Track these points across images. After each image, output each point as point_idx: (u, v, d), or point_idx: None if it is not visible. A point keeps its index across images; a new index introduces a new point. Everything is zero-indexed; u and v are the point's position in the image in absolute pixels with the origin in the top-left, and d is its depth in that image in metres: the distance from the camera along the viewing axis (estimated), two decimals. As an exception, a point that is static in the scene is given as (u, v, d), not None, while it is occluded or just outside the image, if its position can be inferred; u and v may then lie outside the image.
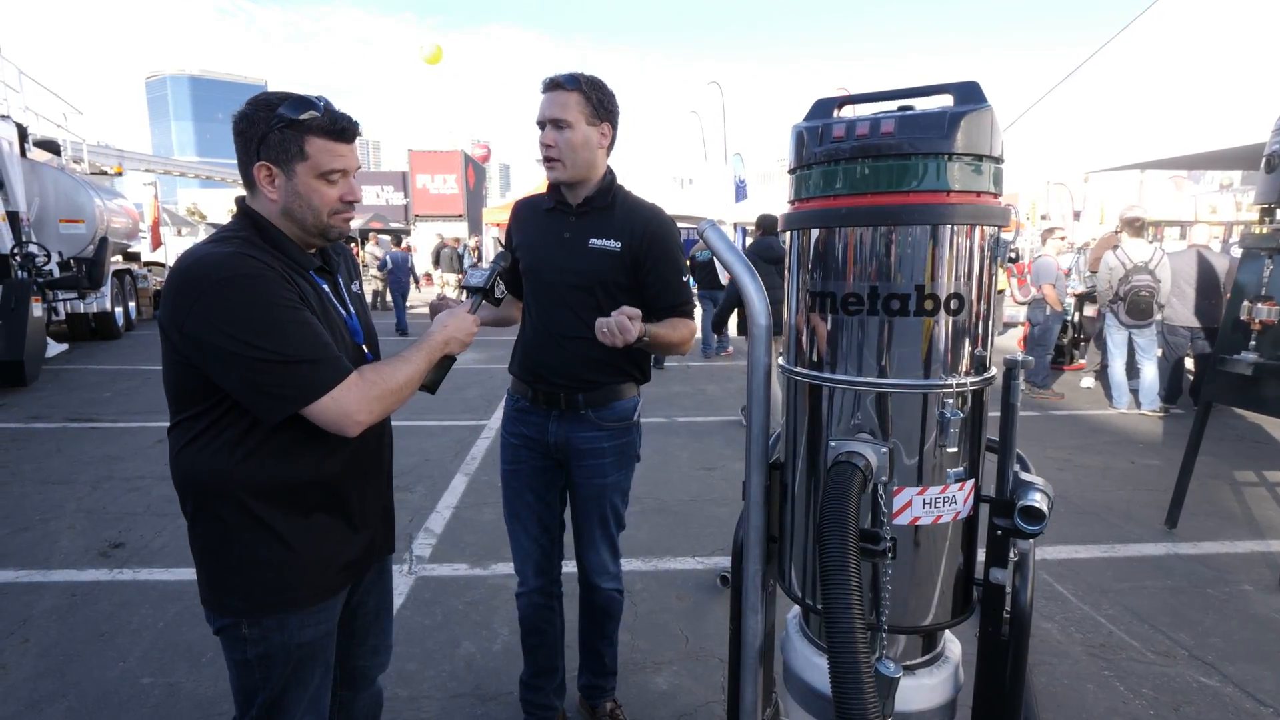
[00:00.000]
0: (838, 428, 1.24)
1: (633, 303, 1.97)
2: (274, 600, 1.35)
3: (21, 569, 3.37)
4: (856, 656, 1.01)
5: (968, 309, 1.18)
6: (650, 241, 1.95)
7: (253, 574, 1.34)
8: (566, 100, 1.85)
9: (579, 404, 1.99)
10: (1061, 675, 2.58)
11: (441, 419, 5.93)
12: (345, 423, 1.28)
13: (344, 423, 1.28)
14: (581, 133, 1.87)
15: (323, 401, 1.25)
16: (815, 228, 1.25)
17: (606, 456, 2.04)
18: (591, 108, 1.87)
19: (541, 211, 2.04)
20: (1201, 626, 2.90)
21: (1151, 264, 6.19)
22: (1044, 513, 1.21)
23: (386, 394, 1.33)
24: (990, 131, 1.17)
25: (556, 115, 1.85)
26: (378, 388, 1.32)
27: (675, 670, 2.61)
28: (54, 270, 9.12)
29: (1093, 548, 3.65)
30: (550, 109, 1.86)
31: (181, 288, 1.24)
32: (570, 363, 1.97)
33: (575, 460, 2.04)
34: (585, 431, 2.01)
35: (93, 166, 13.43)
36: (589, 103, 1.87)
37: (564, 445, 2.03)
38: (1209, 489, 4.45)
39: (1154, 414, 6.32)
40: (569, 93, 1.85)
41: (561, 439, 2.02)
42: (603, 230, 1.94)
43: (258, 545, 1.33)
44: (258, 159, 1.30)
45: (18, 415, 6.39)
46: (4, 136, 8.61)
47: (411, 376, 1.39)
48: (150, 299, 14.30)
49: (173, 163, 50.19)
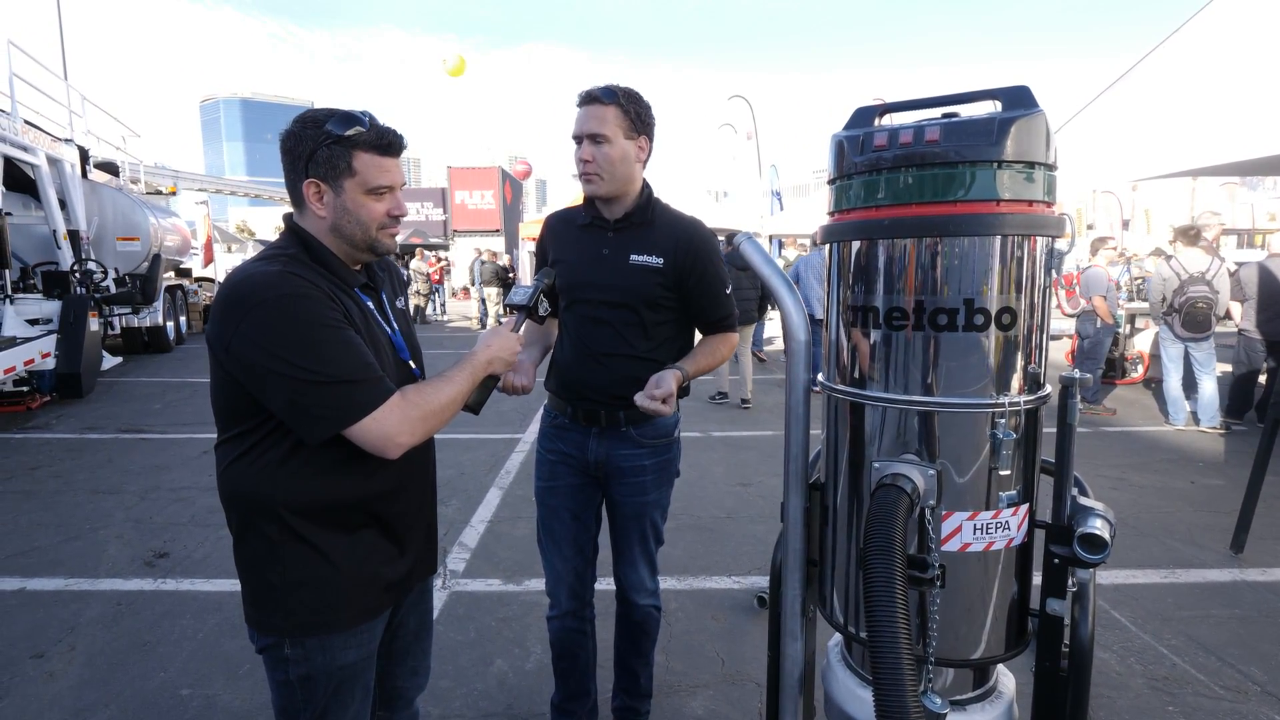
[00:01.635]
0: (882, 448, 1.19)
1: (676, 318, 1.97)
2: (317, 620, 1.35)
3: (71, 577, 3.47)
4: (904, 691, 0.96)
5: (1020, 323, 1.13)
6: (694, 256, 1.91)
7: (297, 593, 1.34)
8: (604, 114, 1.81)
9: (620, 421, 1.95)
10: (1122, 710, 2.44)
11: (477, 432, 5.96)
12: (386, 445, 1.27)
13: (385, 445, 1.27)
14: (620, 147, 1.83)
15: (364, 423, 1.24)
16: (856, 239, 1.20)
17: (647, 474, 2.00)
18: (630, 121, 1.83)
19: (577, 227, 1.99)
20: (1275, 660, 2.71)
21: (1209, 274, 5.94)
22: (1106, 541, 1.14)
23: (428, 415, 1.32)
24: (1043, 137, 1.11)
25: (594, 130, 1.81)
26: (419, 409, 1.30)
27: (711, 694, 2.54)
28: (110, 286, 9.50)
29: (1151, 572, 3.47)
30: (587, 123, 1.82)
31: (228, 306, 1.25)
32: (612, 381, 1.91)
33: (616, 478, 2.00)
34: (626, 449, 1.97)
35: (149, 186, 14.01)
36: (627, 116, 1.83)
37: (604, 463, 1.99)
38: (1278, 511, 4.20)
39: (1214, 431, 6.03)
40: (606, 106, 1.81)
41: (601, 456, 1.99)
42: (643, 246, 1.90)
43: (302, 564, 1.33)
44: (306, 176, 1.31)
45: (74, 426, 6.63)
46: (67, 159, 9.03)
47: (454, 397, 1.37)
48: (200, 313, 14.79)
49: (224, 182, 52.13)
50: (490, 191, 26.29)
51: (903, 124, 1.18)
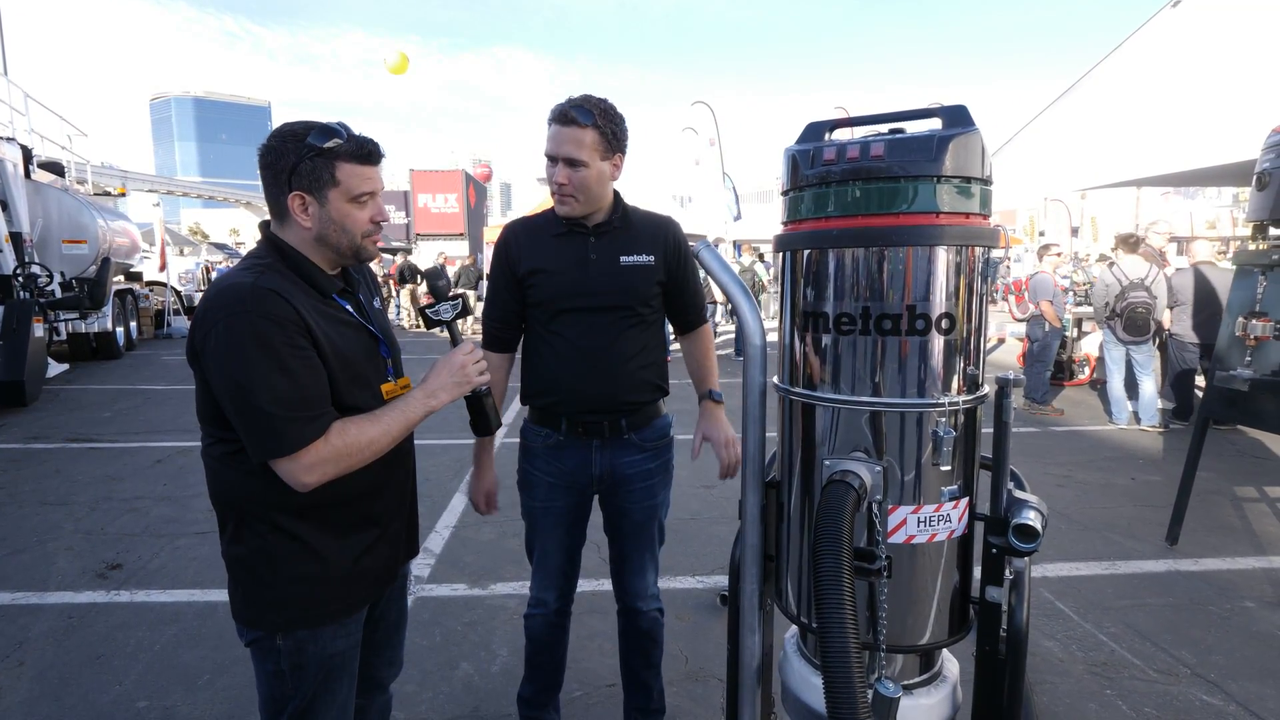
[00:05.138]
0: (832, 446, 1.25)
1: (660, 316, 2.02)
2: (308, 615, 1.40)
3: (18, 591, 3.36)
4: (851, 675, 1.02)
5: (959, 328, 1.20)
6: (680, 251, 1.96)
7: (290, 590, 1.38)
8: (581, 138, 1.76)
9: (622, 429, 1.93)
10: (1063, 694, 2.56)
11: (441, 438, 5.92)
12: (293, 482, 1.30)
13: (292, 481, 1.29)
14: (596, 169, 1.80)
15: (279, 462, 1.28)
16: (807, 249, 1.27)
17: (655, 477, 2.01)
18: (606, 143, 1.80)
19: (551, 236, 1.91)
20: (1204, 644, 2.88)
21: (1148, 280, 6.23)
22: (1038, 531, 1.22)
23: (349, 455, 1.33)
24: (979, 154, 1.19)
25: (571, 154, 1.76)
26: (339, 452, 1.31)
27: (675, 691, 2.59)
28: (56, 290, 9.16)
29: (1093, 564, 3.64)
30: (564, 147, 1.77)
31: (203, 315, 1.30)
32: (612, 388, 1.90)
33: (624, 487, 1.98)
34: (630, 456, 1.97)
35: (96, 187, 13.54)
36: (604, 138, 1.79)
37: (609, 474, 1.97)
38: (1209, 505, 4.44)
39: (1154, 429, 6.32)
40: (584, 130, 1.75)
41: (606, 469, 1.96)
42: (630, 247, 1.90)
43: (295, 562, 1.38)
44: (290, 189, 1.34)
45: (17, 435, 6.39)
46: (8, 158, 8.69)
47: (383, 443, 1.38)
48: (151, 319, 14.33)
49: (175, 183, 50.61)
50: (454, 195, 26.02)
51: (850, 140, 1.25)
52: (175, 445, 5.93)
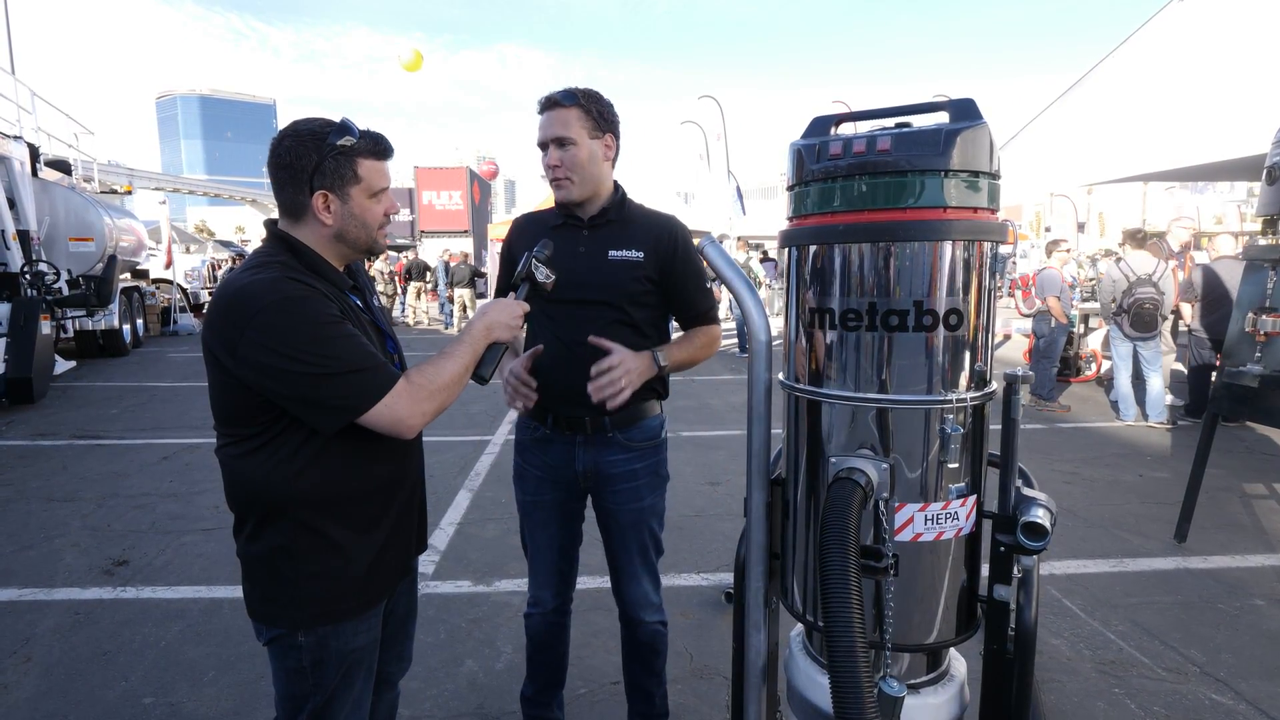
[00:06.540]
0: (838, 443, 1.24)
1: (657, 314, 1.97)
2: (330, 610, 1.40)
3: (25, 587, 3.38)
4: (857, 674, 1.00)
5: (966, 324, 1.18)
6: (674, 249, 1.91)
7: (312, 586, 1.39)
8: (566, 117, 1.80)
9: (605, 426, 1.90)
10: (1071, 693, 2.55)
11: (445, 435, 5.93)
12: (399, 427, 1.33)
13: (398, 427, 1.33)
14: (586, 148, 1.82)
15: (377, 409, 1.31)
16: (813, 244, 1.25)
17: (640, 479, 1.96)
18: (593, 120, 1.82)
19: (549, 228, 1.93)
20: (1213, 642, 2.86)
21: (1155, 276, 6.19)
22: (1046, 529, 1.21)
23: (435, 393, 1.37)
24: (986, 148, 1.17)
25: (559, 134, 1.80)
26: (425, 389, 1.36)
27: (680, 689, 2.58)
28: (63, 288, 9.21)
29: (1101, 562, 3.62)
30: (551, 128, 1.81)
31: (230, 314, 1.29)
32: None
33: (607, 487, 1.96)
34: (614, 455, 1.93)
35: (103, 185, 13.58)
36: (589, 116, 1.82)
37: (592, 472, 1.95)
38: (1218, 502, 4.40)
39: (1161, 426, 6.28)
40: (568, 109, 1.81)
41: (589, 466, 1.94)
42: (621, 241, 1.88)
43: (317, 559, 1.38)
44: (314, 188, 1.36)
45: (25, 432, 6.42)
46: (16, 157, 8.74)
47: (456, 372, 1.42)
48: (157, 316, 14.39)
49: (181, 180, 50.76)
50: (458, 192, 26.05)
51: (856, 134, 1.24)
52: (182, 442, 5.96)
